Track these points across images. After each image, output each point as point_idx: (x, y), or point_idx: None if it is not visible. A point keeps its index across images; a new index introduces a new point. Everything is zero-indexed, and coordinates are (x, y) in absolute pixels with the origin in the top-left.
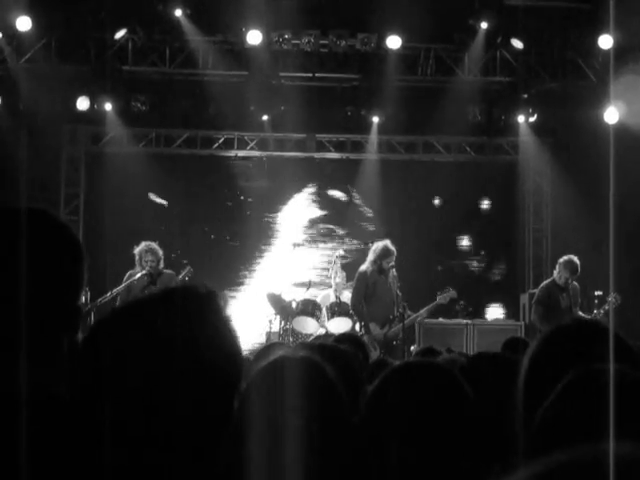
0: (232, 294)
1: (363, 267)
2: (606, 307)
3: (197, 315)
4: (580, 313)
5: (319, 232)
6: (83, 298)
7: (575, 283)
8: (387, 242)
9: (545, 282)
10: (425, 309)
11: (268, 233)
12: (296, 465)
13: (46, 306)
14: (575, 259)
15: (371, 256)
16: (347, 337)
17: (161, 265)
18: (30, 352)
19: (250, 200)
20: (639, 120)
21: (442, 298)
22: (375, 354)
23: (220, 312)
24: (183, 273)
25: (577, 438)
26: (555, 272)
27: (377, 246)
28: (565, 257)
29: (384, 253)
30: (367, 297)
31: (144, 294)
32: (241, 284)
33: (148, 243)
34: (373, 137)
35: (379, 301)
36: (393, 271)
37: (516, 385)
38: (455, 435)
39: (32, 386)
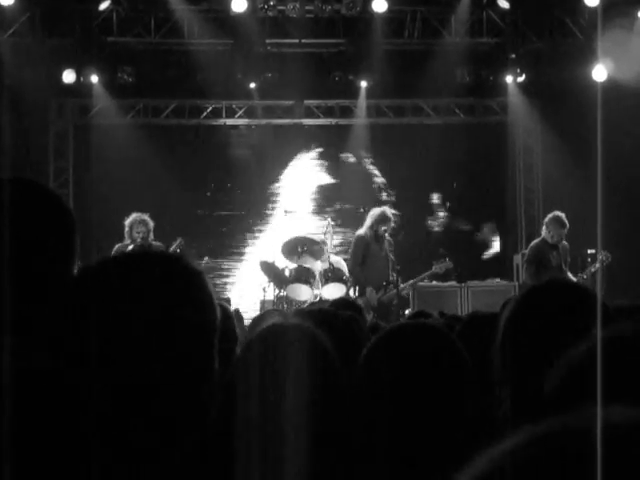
0: (226, 263)
1: (360, 231)
2: (597, 265)
3: (168, 273)
4: (569, 274)
5: (312, 199)
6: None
7: (565, 242)
8: (385, 208)
9: (535, 241)
10: (419, 277)
11: (261, 201)
12: (289, 433)
13: (38, 276)
14: (561, 214)
15: (368, 221)
16: (344, 302)
17: (151, 237)
18: (16, 323)
19: (241, 168)
20: (627, 76)
21: (438, 268)
22: (368, 318)
23: (191, 271)
24: (174, 245)
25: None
26: (544, 231)
27: (374, 211)
28: (550, 215)
29: (381, 218)
30: (363, 262)
31: None
32: (235, 254)
33: (139, 214)
34: (362, 102)
35: (373, 266)
36: (387, 236)
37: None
38: (450, 399)
39: (15, 356)
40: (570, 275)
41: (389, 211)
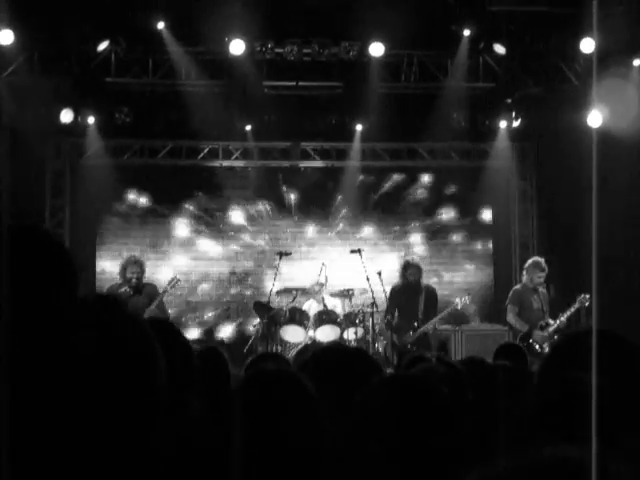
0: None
1: (394, 283)
2: (576, 305)
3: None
4: (550, 321)
5: (306, 240)
6: None
7: (544, 290)
8: (406, 259)
9: (516, 286)
10: (438, 317)
11: (256, 244)
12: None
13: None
14: (540, 259)
15: (401, 272)
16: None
17: (144, 277)
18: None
19: (236, 209)
20: (621, 123)
21: (459, 303)
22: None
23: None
24: (170, 282)
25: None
26: (524, 276)
27: (400, 262)
28: (530, 260)
29: (404, 267)
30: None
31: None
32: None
33: (133, 255)
34: (356, 144)
35: (402, 309)
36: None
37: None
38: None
39: None
40: (550, 320)
41: (413, 260)
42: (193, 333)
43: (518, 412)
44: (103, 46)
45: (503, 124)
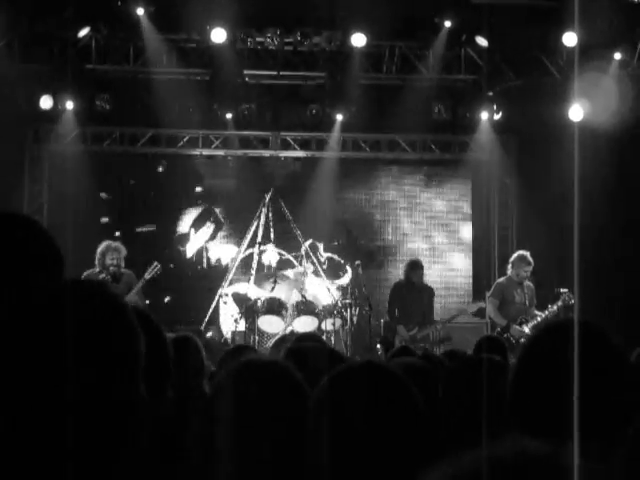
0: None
1: (397, 281)
2: (559, 303)
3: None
4: (536, 312)
5: (284, 231)
6: None
7: (530, 283)
8: (414, 260)
9: (500, 279)
10: (451, 316)
11: (235, 232)
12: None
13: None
14: (526, 252)
15: (403, 270)
16: (309, 337)
17: (123, 264)
18: None
19: (216, 199)
20: (602, 117)
21: (470, 307)
22: None
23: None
24: (150, 269)
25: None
26: (509, 269)
27: (405, 263)
28: (516, 254)
29: (410, 267)
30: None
31: None
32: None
33: (112, 242)
34: (335, 135)
35: (406, 307)
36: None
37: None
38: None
39: None
40: (536, 312)
41: (417, 261)
42: None
43: (496, 405)
44: (84, 32)
45: (484, 116)
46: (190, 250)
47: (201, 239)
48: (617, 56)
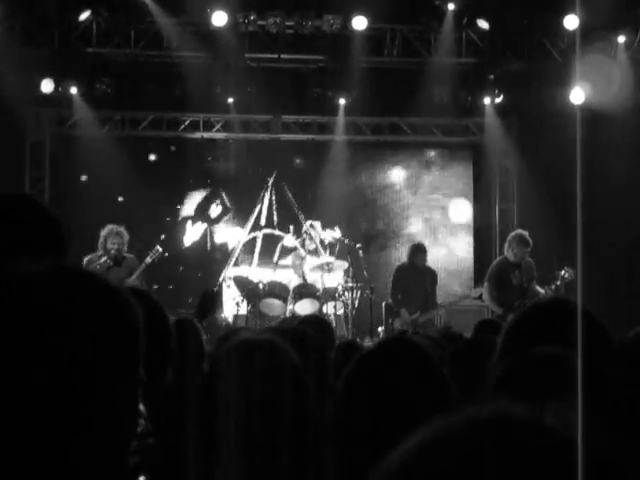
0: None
1: (399, 264)
2: (558, 282)
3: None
4: (537, 288)
5: (288, 215)
6: None
7: (529, 259)
8: (417, 243)
9: (496, 260)
10: (454, 299)
11: (239, 215)
12: (258, 448)
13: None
14: (524, 232)
15: (406, 253)
16: (312, 319)
17: (125, 249)
18: None
19: (217, 182)
20: (603, 100)
21: (474, 292)
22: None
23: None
24: (152, 253)
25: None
26: (506, 249)
27: (409, 246)
28: (513, 233)
29: (413, 250)
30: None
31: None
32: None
33: (115, 226)
34: (340, 119)
35: (409, 291)
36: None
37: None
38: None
39: None
40: (538, 288)
41: (421, 245)
42: None
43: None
44: (84, 16)
45: (486, 100)
46: (194, 234)
47: (205, 222)
48: (619, 39)
